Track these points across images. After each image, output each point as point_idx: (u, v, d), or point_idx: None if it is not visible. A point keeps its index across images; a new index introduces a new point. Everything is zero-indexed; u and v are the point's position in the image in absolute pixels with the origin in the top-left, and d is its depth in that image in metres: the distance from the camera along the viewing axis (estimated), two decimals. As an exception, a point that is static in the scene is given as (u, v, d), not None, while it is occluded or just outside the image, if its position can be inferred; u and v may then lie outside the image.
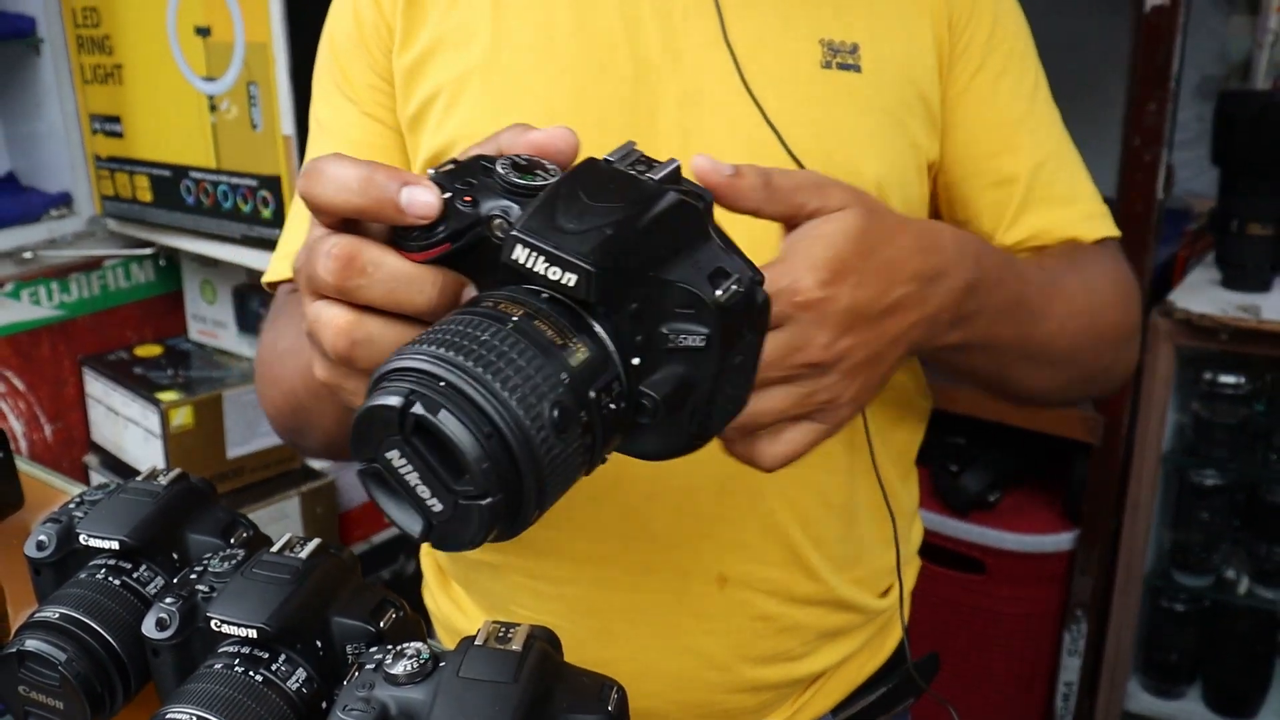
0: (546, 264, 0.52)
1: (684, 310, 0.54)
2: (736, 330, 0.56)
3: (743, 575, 0.99)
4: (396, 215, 0.56)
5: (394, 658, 0.65)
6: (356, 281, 0.57)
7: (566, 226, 0.53)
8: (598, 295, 0.52)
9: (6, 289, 2.22)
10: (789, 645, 1.02)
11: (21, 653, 0.76)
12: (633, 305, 0.54)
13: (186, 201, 2.13)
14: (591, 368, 0.53)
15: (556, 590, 1.02)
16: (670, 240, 0.55)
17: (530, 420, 0.50)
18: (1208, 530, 2.21)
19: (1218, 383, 2.13)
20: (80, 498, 0.89)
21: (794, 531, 0.98)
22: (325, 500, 2.37)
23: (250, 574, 0.74)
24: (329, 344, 0.58)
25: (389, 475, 0.52)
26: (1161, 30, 1.94)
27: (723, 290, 0.54)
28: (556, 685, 0.64)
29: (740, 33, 0.93)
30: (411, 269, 0.57)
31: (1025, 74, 1.02)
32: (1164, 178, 2.01)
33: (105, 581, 0.81)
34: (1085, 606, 2.27)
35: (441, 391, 0.49)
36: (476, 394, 0.49)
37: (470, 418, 0.49)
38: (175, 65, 2.05)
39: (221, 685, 0.69)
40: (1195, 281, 2.19)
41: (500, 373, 0.50)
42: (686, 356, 0.55)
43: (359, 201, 0.56)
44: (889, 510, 1.02)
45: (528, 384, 0.50)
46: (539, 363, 0.51)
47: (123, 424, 2.27)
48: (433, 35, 0.98)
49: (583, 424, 0.52)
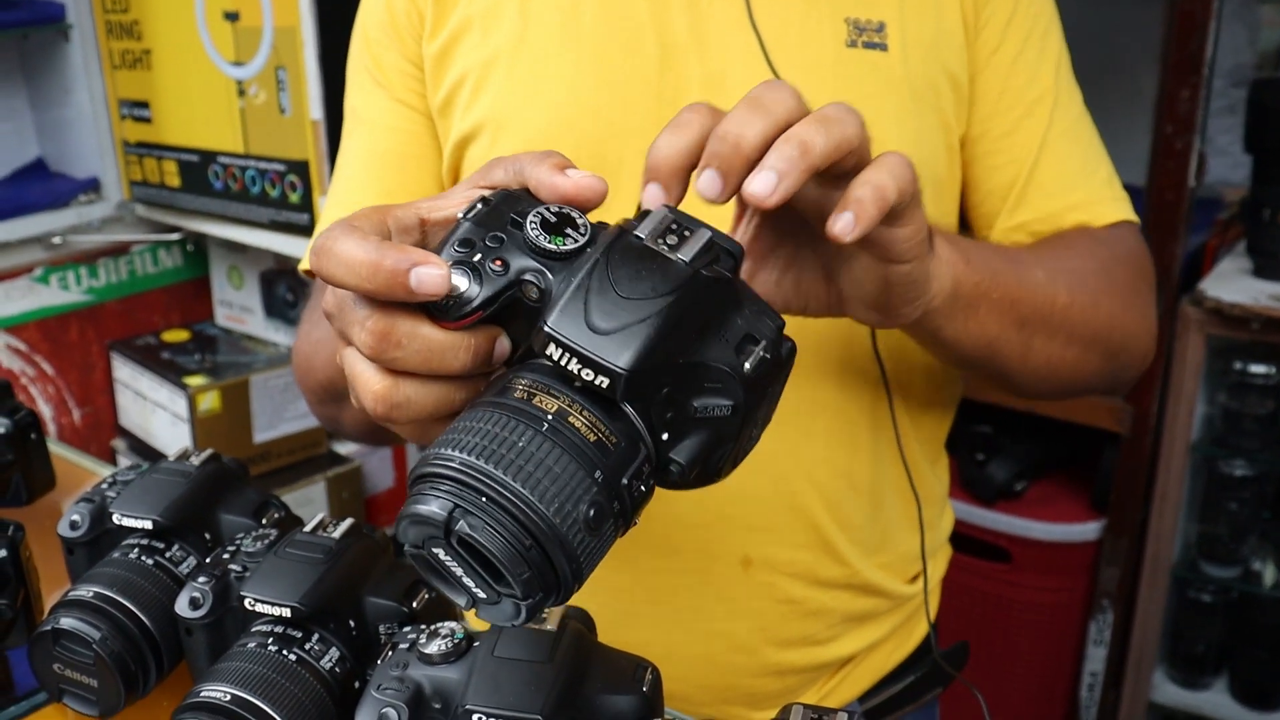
0: (580, 365, 0.54)
1: (713, 385, 0.56)
2: (762, 392, 0.58)
3: (767, 557, 0.98)
4: (407, 296, 0.57)
5: (428, 637, 0.65)
6: (393, 355, 0.58)
7: (599, 326, 0.54)
8: (628, 393, 0.54)
9: (36, 274, 2.23)
10: (815, 629, 1.02)
11: (56, 630, 0.77)
12: (663, 390, 0.55)
13: (214, 186, 2.14)
14: (623, 458, 0.55)
15: None
16: (697, 326, 0.56)
17: (567, 528, 0.52)
18: (1236, 521, 2.19)
19: (1248, 372, 2.11)
20: (113, 478, 0.89)
21: (819, 514, 0.98)
22: (351, 484, 2.37)
23: (283, 553, 0.75)
24: (367, 404, 0.60)
25: (435, 564, 0.55)
26: (1194, 18, 1.92)
27: (750, 360, 0.56)
28: (591, 665, 0.64)
29: (766, 14, 0.92)
30: (445, 338, 0.58)
31: (1046, 54, 1.00)
32: (1195, 166, 1.99)
33: (138, 561, 0.81)
34: (1112, 597, 2.26)
35: (482, 508, 0.52)
36: (516, 508, 0.51)
37: (510, 533, 0.52)
38: (204, 50, 2.06)
39: (255, 664, 0.70)
40: (1226, 270, 2.17)
41: (539, 485, 0.52)
42: (713, 424, 0.57)
43: (370, 286, 0.57)
44: (914, 494, 1.02)
45: (564, 492, 0.52)
46: (573, 469, 0.53)
47: (150, 408, 2.28)
48: (460, 19, 0.98)
49: (615, 513, 0.54)
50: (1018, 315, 0.86)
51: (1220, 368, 2.14)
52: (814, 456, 0.97)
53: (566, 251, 0.57)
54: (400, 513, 0.55)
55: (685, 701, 1.01)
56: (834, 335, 0.95)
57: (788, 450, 0.95)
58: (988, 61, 0.98)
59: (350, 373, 0.61)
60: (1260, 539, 2.23)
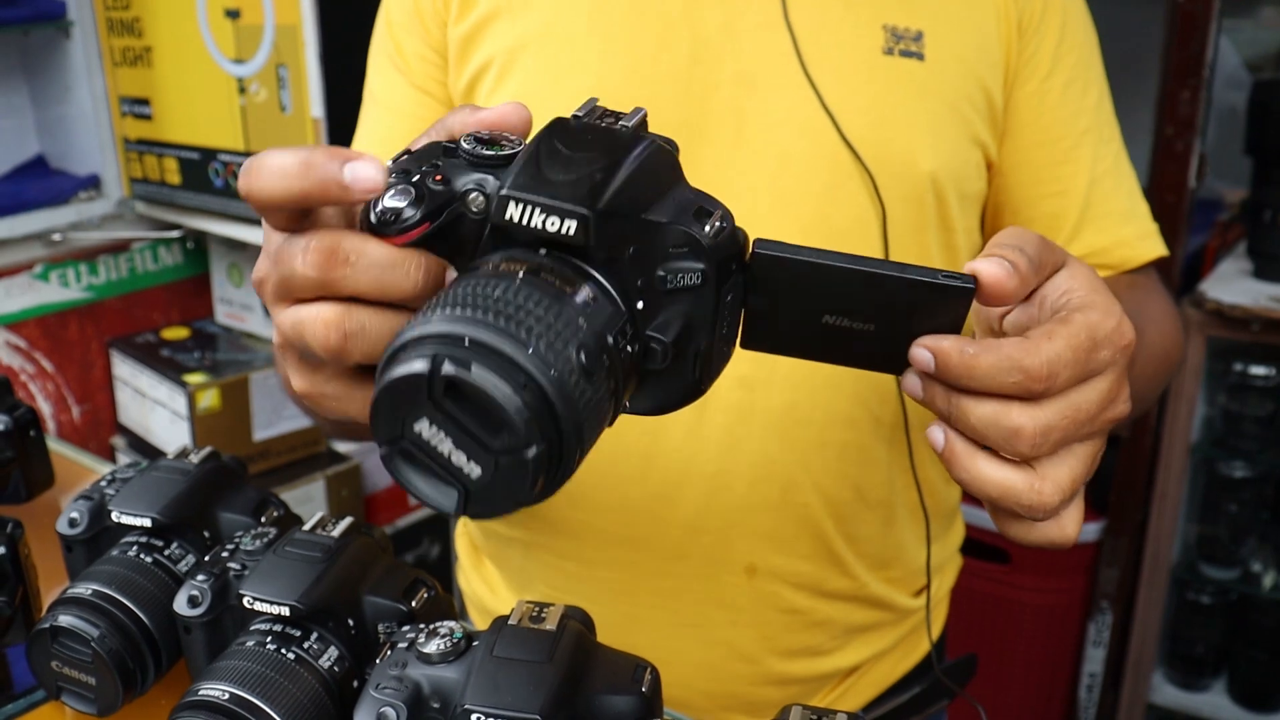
0: (544, 215, 0.52)
1: (678, 249, 0.54)
2: (728, 265, 0.55)
3: (772, 567, 0.98)
4: (341, 193, 0.54)
5: (427, 636, 0.65)
6: (341, 272, 0.54)
7: (555, 178, 0.52)
8: (597, 239, 0.52)
9: (35, 271, 2.23)
10: (818, 639, 1.02)
11: (54, 628, 0.77)
12: (630, 249, 0.54)
13: (215, 184, 2.14)
14: (603, 313, 0.52)
15: (586, 571, 1.01)
16: (653, 184, 0.55)
17: (560, 366, 0.49)
18: (1235, 523, 2.19)
19: (1248, 374, 2.11)
20: (112, 475, 0.89)
21: (827, 525, 0.97)
22: (351, 483, 2.37)
23: (282, 552, 0.74)
24: (319, 341, 0.56)
25: (418, 451, 0.50)
26: (1195, 19, 1.92)
27: (710, 226, 0.54)
28: (591, 665, 0.64)
29: (802, 14, 0.91)
30: (395, 252, 0.55)
31: (1091, 84, 1.00)
32: (1196, 167, 1.99)
33: (137, 558, 0.81)
34: (1111, 598, 2.26)
35: (468, 349, 0.48)
36: (505, 345, 0.48)
37: (503, 369, 0.48)
38: (205, 48, 2.06)
39: (253, 662, 0.69)
40: (1226, 272, 2.17)
41: (522, 323, 0.49)
42: (685, 296, 0.55)
43: (301, 185, 0.54)
44: (924, 511, 1.02)
45: (550, 331, 0.49)
46: (556, 309, 0.50)
47: (150, 406, 2.28)
48: (491, 4, 0.97)
49: (606, 368, 0.52)
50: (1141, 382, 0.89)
51: (1220, 369, 2.15)
52: (825, 468, 0.96)
53: (505, 155, 0.55)
54: (371, 407, 0.50)
55: (686, 707, 1.01)
56: None
57: (798, 460, 0.95)
58: (1038, 87, 0.97)
59: (295, 325, 0.57)
60: (1260, 541, 2.23)
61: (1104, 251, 0.99)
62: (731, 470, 0.95)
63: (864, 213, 0.92)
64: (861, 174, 0.91)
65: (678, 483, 0.96)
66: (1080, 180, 0.98)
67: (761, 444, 0.94)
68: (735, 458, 0.94)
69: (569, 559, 1.02)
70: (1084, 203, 0.98)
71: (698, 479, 0.95)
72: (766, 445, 0.94)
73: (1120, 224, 1.00)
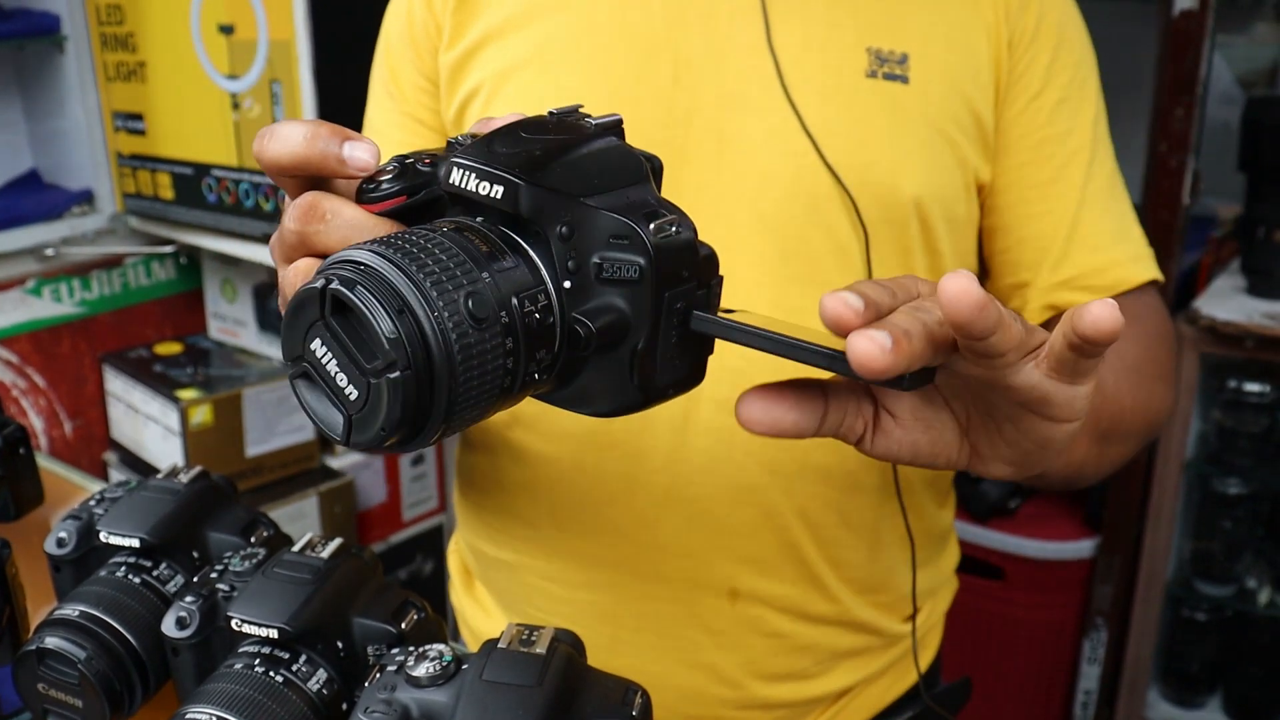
0: (477, 180, 0.55)
1: (618, 240, 0.55)
2: (674, 271, 0.55)
3: (755, 590, 0.97)
4: (338, 166, 0.59)
5: (416, 659, 0.65)
6: (315, 227, 0.59)
7: (499, 150, 0.56)
8: (526, 208, 0.54)
9: (28, 286, 2.23)
10: (802, 664, 1.01)
11: (41, 650, 0.76)
12: (561, 228, 0.55)
13: (208, 199, 2.13)
14: (515, 277, 0.54)
15: (570, 594, 1.01)
16: (604, 176, 0.56)
17: (444, 304, 0.51)
18: (1230, 539, 2.19)
19: (1242, 391, 2.11)
20: (100, 495, 0.88)
21: (809, 550, 0.97)
22: (343, 500, 2.36)
23: (271, 573, 0.74)
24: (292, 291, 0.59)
25: (315, 371, 0.53)
26: (1189, 36, 1.92)
27: (657, 225, 0.55)
28: (581, 689, 0.64)
29: (785, 37, 0.91)
30: (366, 218, 0.59)
31: (1085, 103, 0.98)
32: (1190, 183, 2.00)
33: (125, 579, 0.81)
34: (1105, 615, 2.26)
35: (359, 273, 0.51)
36: (392, 275, 0.51)
37: (383, 294, 0.50)
38: (198, 63, 2.05)
39: (241, 685, 0.69)
40: (1220, 288, 2.17)
41: (419, 261, 0.51)
42: (621, 290, 0.55)
43: (304, 153, 0.59)
44: (909, 537, 1.00)
45: (445, 273, 0.52)
46: (460, 259, 0.53)
47: (142, 421, 2.27)
48: (481, 31, 0.97)
49: (503, 324, 0.53)
50: (1099, 432, 0.87)
51: (1214, 385, 2.15)
52: (807, 492, 0.95)
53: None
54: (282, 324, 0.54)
55: None
56: None
57: (780, 484, 0.94)
58: (1027, 105, 0.96)
59: (283, 281, 0.62)
60: (1255, 557, 2.23)
61: (1095, 273, 0.97)
62: (713, 494, 0.94)
63: (845, 236, 0.91)
64: (843, 197, 0.90)
65: (659, 506, 0.95)
66: (1069, 200, 0.97)
67: (743, 468, 0.94)
68: (716, 481, 0.94)
69: (553, 581, 1.02)
70: (1073, 223, 0.97)
71: (679, 502, 0.95)
72: (748, 469, 0.94)
73: (1112, 245, 0.98)
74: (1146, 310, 0.99)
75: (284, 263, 0.62)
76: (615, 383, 0.57)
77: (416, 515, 2.60)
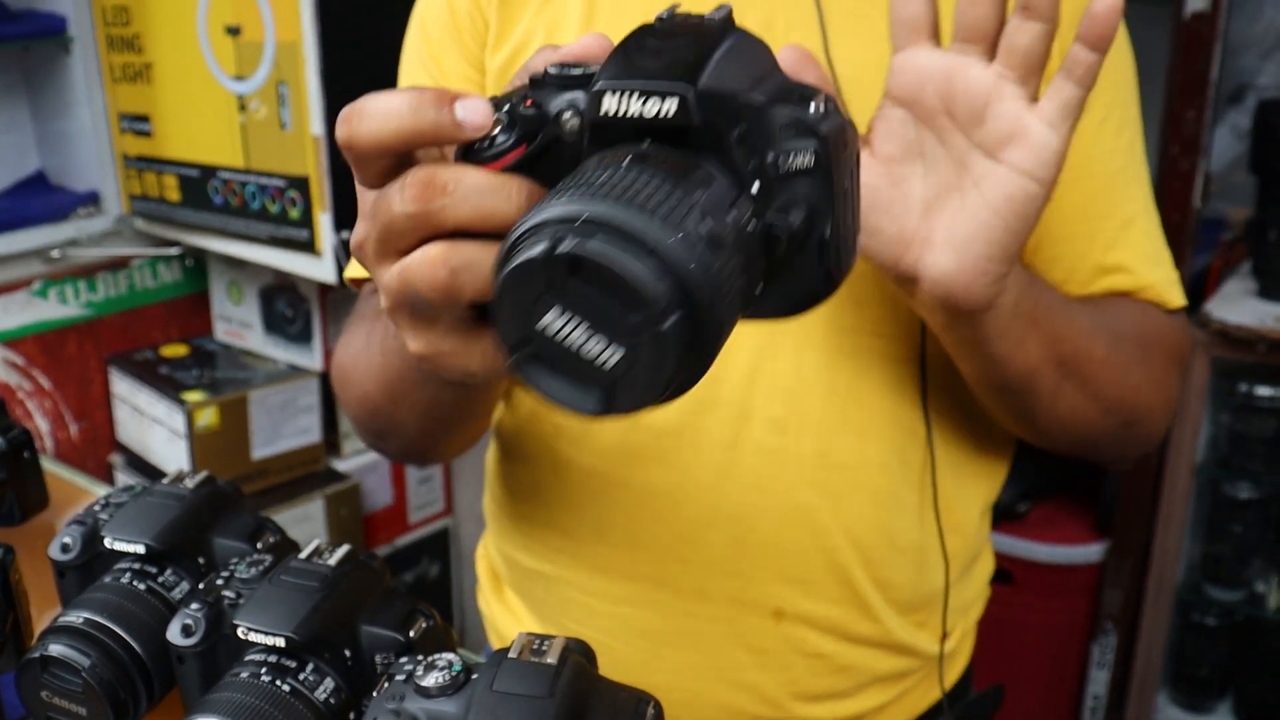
0: (642, 101, 0.50)
1: (785, 130, 0.52)
2: (839, 144, 0.53)
3: (800, 611, 0.96)
4: (455, 131, 0.54)
5: (425, 669, 0.64)
6: (440, 202, 0.53)
7: (648, 65, 0.51)
8: (701, 117, 0.50)
9: (34, 287, 2.22)
10: (841, 684, 1.00)
11: (45, 658, 0.75)
12: (734, 132, 0.52)
13: (214, 201, 2.13)
14: (719, 193, 0.50)
15: (610, 609, 1.00)
16: (749, 69, 0.53)
17: (681, 236, 0.47)
18: (1240, 543, 2.18)
19: (1253, 394, 2.11)
20: (106, 500, 0.88)
21: (856, 570, 0.96)
22: (350, 502, 2.36)
23: (278, 581, 0.73)
24: (428, 282, 0.54)
25: (549, 350, 0.48)
26: (1200, 38, 1.91)
27: (815, 107, 0.52)
28: (592, 700, 0.63)
29: (843, 52, 0.89)
30: (494, 177, 0.53)
31: (1126, 123, 0.96)
32: (1201, 186, 1.99)
33: (130, 586, 0.80)
34: (1115, 619, 2.25)
35: (585, 227, 0.46)
36: (623, 216, 0.46)
37: (624, 241, 0.46)
38: (205, 64, 2.05)
39: (248, 694, 0.68)
40: (1231, 292, 2.16)
41: (633, 200, 0.47)
42: (801, 180, 0.52)
43: (411, 125, 0.53)
44: (944, 558, 0.99)
45: (664, 206, 0.47)
46: (665, 188, 0.48)
47: (148, 424, 2.27)
48: (524, 32, 0.96)
49: (731, 243, 0.49)
50: (1059, 353, 0.85)
51: (1225, 389, 2.14)
52: (856, 513, 0.94)
53: (594, 72, 0.53)
54: (493, 311, 0.49)
55: None
56: (884, 390, 0.93)
57: (829, 505, 0.94)
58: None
59: (401, 273, 0.55)
60: (1265, 561, 2.22)
61: (1132, 295, 0.96)
62: (760, 514, 0.93)
63: None
64: None
65: (706, 523, 0.94)
66: (1110, 222, 0.95)
67: (791, 488, 0.93)
68: (765, 500, 0.93)
69: (594, 595, 1.01)
70: (1111, 245, 0.95)
71: (726, 521, 0.94)
72: (796, 490, 0.93)
73: (1150, 269, 0.96)
74: (1158, 319, 0.97)
75: (392, 257, 0.56)
76: (804, 275, 0.54)
77: (423, 518, 2.59)
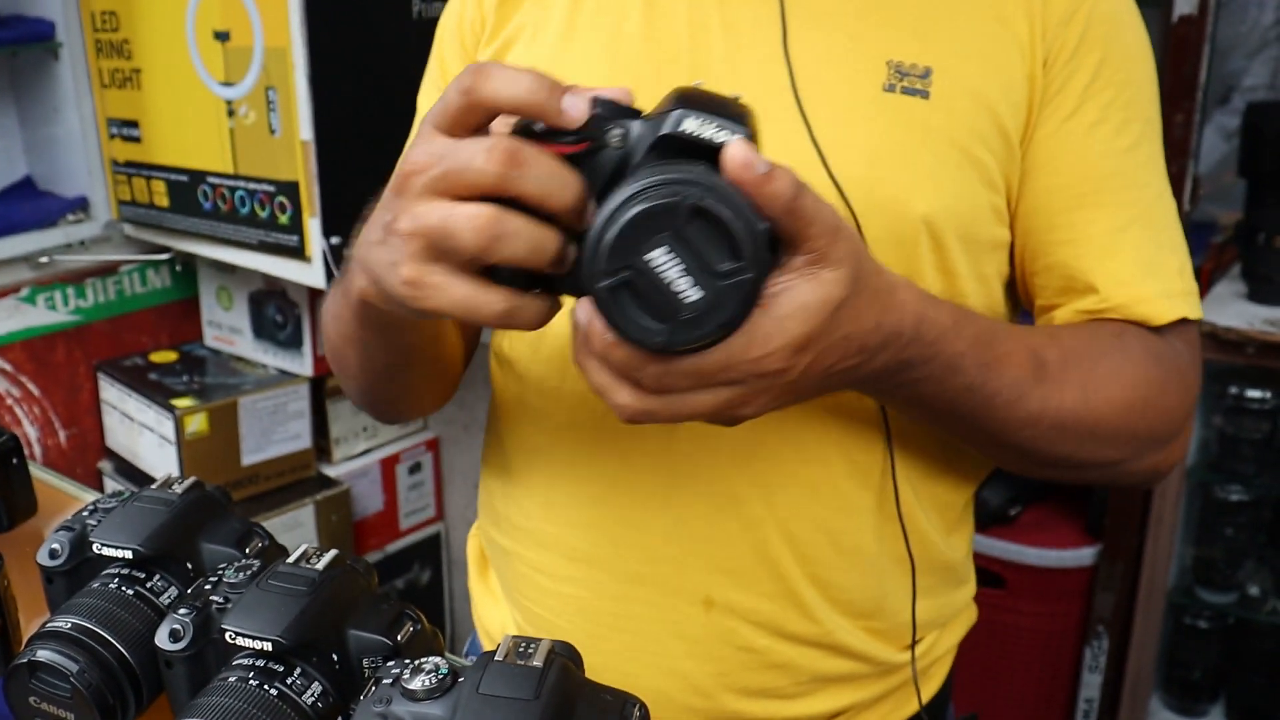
0: (716, 128, 0.63)
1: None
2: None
3: (729, 601, 0.96)
4: (555, 117, 0.64)
5: (412, 672, 0.64)
6: (517, 172, 0.62)
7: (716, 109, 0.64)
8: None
9: (23, 293, 2.22)
10: (779, 682, 0.99)
11: (33, 663, 0.75)
12: None
13: (204, 207, 2.12)
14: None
15: (554, 586, 1.02)
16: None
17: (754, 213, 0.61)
18: (1232, 546, 2.19)
19: (1244, 397, 2.11)
20: (94, 505, 0.87)
21: (788, 565, 0.95)
22: (340, 508, 2.36)
23: (266, 585, 0.73)
24: (470, 236, 0.63)
25: (643, 279, 0.61)
26: (1189, 41, 1.92)
27: None
28: (578, 702, 0.63)
29: (803, 48, 0.89)
30: (562, 167, 0.63)
31: (1128, 126, 0.92)
32: (1191, 190, 1.99)
33: (118, 591, 0.80)
34: (1107, 622, 2.25)
35: (710, 189, 0.60)
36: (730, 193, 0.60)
37: (735, 209, 0.60)
38: (194, 70, 2.05)
39: (235, 699, 0.68)
40: (1221, 295, 2.17)
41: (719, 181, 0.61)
42: None
43: (528, 98, 0.63)
44: (911, 562, 0.98)
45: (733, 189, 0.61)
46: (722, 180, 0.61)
47: (138, 430, 2.26)
48: (515, 26, 0.99)
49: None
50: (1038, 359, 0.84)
51: (1216, 392, 2.14)
52: (791, 506, 0.93)
53: (638, 110, 0.66)
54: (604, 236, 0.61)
55: None
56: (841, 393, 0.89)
57: (762, 496, 0.93)
58: (1059, 128, 0.91)
59: (444, 219, 0.64)
60: (1257, 564, 2.22)
61: (1123, 308, 0.92)
62: (694, 500, 0.94)
63: None
64: (846, 213, 0.87)
65: (643, 508, 0.95)
66: (1097, 228, 0.92)
67: (724, 475, 0.93)
68: (697, 487, 0.93)
69: (540, 572, 1.02)
70: (1101, 253, 0.92)
71: (661, 506, 0.94)
72: (729, 477, 0.93)
73: (1143, 279, 0.92)
74: (1168, 350, 0.93)
75: (435, 197, 0.64)
76: None
77: (414, 524, 2.59)
